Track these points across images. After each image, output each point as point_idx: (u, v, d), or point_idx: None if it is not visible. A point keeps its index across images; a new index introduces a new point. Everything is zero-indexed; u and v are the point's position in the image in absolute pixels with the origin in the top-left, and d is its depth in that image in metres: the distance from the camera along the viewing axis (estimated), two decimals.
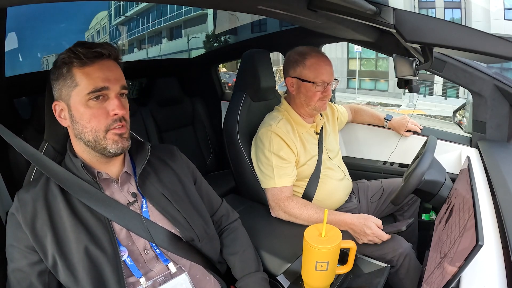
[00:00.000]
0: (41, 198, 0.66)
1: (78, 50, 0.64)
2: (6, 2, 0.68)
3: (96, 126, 0.66)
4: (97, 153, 0.69)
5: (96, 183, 0.69)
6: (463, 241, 0.55)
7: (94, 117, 0.65)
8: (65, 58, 0.65)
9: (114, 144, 0.67)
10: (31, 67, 7.32)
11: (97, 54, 0.65)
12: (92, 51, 0.65)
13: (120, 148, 0.68)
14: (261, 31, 9.08)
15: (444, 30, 0.71)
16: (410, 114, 1.46)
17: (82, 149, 0.70)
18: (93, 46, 0.65)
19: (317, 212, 1.03)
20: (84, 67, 0.64)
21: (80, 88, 0.64)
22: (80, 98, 0.65)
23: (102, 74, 0.65)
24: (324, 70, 1.11)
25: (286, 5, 0.78)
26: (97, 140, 0.66)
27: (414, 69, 0.88)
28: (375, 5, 0.70)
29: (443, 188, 0.95)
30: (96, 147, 0.67)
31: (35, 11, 8.86)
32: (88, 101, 0.65)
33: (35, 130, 1.25)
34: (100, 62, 0.66)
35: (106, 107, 0.66)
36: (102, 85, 0.65)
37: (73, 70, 0.64)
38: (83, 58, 0.64)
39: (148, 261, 0.71)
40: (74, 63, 0.64)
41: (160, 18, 16.65)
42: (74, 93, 0.65)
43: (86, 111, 0.65)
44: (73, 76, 0.64)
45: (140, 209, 0.72)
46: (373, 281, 0.79)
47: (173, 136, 1.91)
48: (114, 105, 0.66)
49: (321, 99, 1.13)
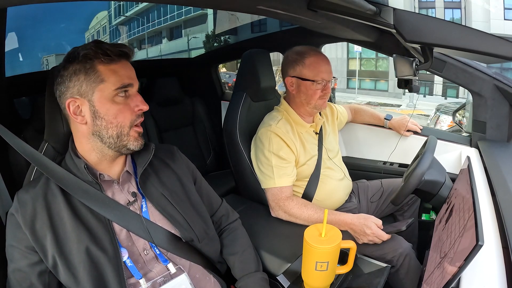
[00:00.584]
0: (41, 198, 0.66)
1: (105, 47, 0.65)
2: (6, 2, 0.68)
3: (122, 122, 0.67)
4: (113, 150, 0.69)
5: (97, 184, 0.69)
6: (463, 241, 0.55)
7: (121, 113, 0.67)
8: (89, 54, 0.65)
9: (135, 141, 0.70)
10: (31, 67, 7.32)
11: (122, 53, 0.68)
12: (118, 50, 0.67)
13: (140, 145, 0.71)
14: (261, 31, 9.08)
15: (444, 30, 0.71)
16: (410, 114, 1.47)
17: (90, 148, 0.69)
18: (117, 46, 0.68)
19: (317, 212, 1.03)
20: (111, 64, 0.66)
21: (107, 84, 0.65)
22: (106, 94, 0.66)
23: (126, 72, 0.68)
24: (323, 68, 1.11)
25: (286, 5, 0.78)
26: (120, 136, 0.68)
27: (414, 69, 0.88)
28: (375, 5, 0.70)
29: (443, 188, 0.95)
30: (116, 143, 0.68)
31: (35, 11, 8.86)
32: (115, 96, 0.66)
33: (35, 130, 1.25)
34: (123, 61, 0.69)
35: (130, 103, 0.69)
36: (128, 82, 0.68)
37: (98, 66, 0.65)
38: (111, 55, 0.65)
39: (147, 261, 0.71)
40: (100, 60, 0.65)
41: (160, 18, 16.66)
42: (99, 88, 0.65)
43: (113, 106, 0.66)
44: (98, 72, 0.65)
45: (140, 209, 0.72)
46: (373, 281, 0.79)
47: (173, 136, 1.91)
48: (138, 101, 0.69)
49: (321, 97, 1.13)
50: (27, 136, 1.25)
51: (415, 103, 3.90)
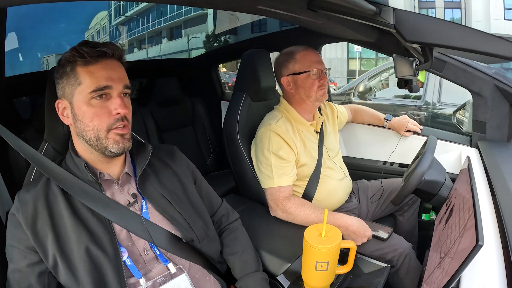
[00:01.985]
0: (42, 198, 0.66)
1: (82, 49, 0.64)
2: (6, 2, 0.68)
3: (98, 125, 0.66)
4: (98, 152, 0.69)
5: (97, 184, 0.69)
6: (463, 241, 0.55)
7: (97, 116, 0.65)
8: (69, 57, 0.65)
9: (115, 144, 0.67)
10: (31, 67, 7.31)
11: (100, 53, 0.66)
12: (96, 50, 0.65)
13: (121, 148, 0.68)
14: (261, 31, 9.07)
15: (444, 30, 0.71)
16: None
17: (83, 148, 0.70)
18: (97, 45, 0.66)
19: (314, 212, 1.02)
20: (88, 66, 0.65)
21: (83, 87, 0.65)
22: (83, 97, 0.65)
23: (105, 73, 0.65)
24: (314, 58, 1.14)
25: (286, 5, 0.78)
26: (99, 139, 0.66)
27: (414, 69, 0.89)
28: (375, 5, 0.70)
29: (443, 188, 0.95)
30: (97, 146, 0.67)
31: (35, 11, 8.85)
32: (91, 99, 0.65)
33: (35, 130, 1.25)
34: (103, 61, 0.66)
35: (109, 106, 0.66)
36: (105, 84, 0.65)
37: (77, 68, 0.65)
38: (87, 57, 0.64)
39: (148, 261, 0.71)
40: (78, 62, 0.65)
41: (160, 18, 16.64)
42: (77, 91, 0.65)
43: (89, 109, 0.65)
44: (77, 74, 0.65)
45: (140, 210, 0.72)
46: (373, 281, 0.79)
47: (173, 136, 1.91)
48: (116, 104, 0.66)
49: (320, 88, 1.14)
50: (27, 136, 1.24)
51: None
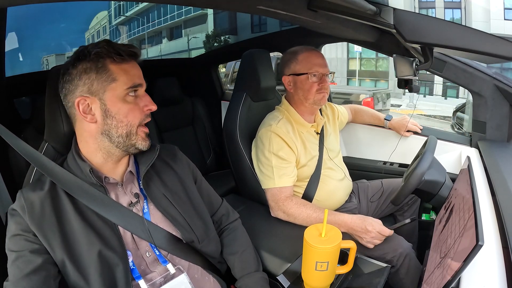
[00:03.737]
0: (49, 200, 0.65)
1: (117, 46, 0.66)
2: (6, 2, 0.68)
3: (132, 120, 0.68)
4: (120, 149, 0.70)
5: (101, 187, 0.69)
6: (463, 241, 0.55)
7: (131, 112, 0.68)
8: (101, 52, 0.65)
9: (143, 141, 0.71)
10: (31, 67, 7.31)
11: (133, 53, 0.69)
12: (129, 50, 0.68)
13: (147, 145, 0.72)
14: (261, 31, 9.07)
15: (444, 30, 0.71)
16: (410, 114, 1.47)
17: (96, 148, 0.69)
18: (127, 46, 0.68)
19: (315, 212, 1.02)
20: (122, 63, 0.67)
21: (119, 83, 0.66)
22: (118, 93, 0.66)
23: (137, 72, 0.70)
24: (316, 61, 1.13)
25: (286, 5, 0.78)
26: (129, 135, 0.69)
27: (414, 69, 0.89)
28: (375, 5, 0.70)
29: (443, 188, 0.95)
30: (125, 142, 0.69)
31: (35, 11, 8.85)
32: (126, 96, 0.67)
33: (35, 130, 1.25)
34: (133, 61, 0.70)
35: (139, 103, 0.70)
36: (139, 82, 0.69)
37: (109, 65, 0.66)
38: (124, 55, 0.66)
39: (150, 263, 0.71)
40: (112, 59, 0.66)
41: (160, 18, 16.65)
42: (111, 87, 0.66)
43: (124, 105, 0.67)
44: (110, 71, 0.65)
45: (141, 210, 0.72)
46: (373, 281, 0.79)
47: (173, 136, 1.91)
48: (147, 100, 0.71)
49: (319, 91, 1.13)
50: (27, 136, 1.24)
51: (415, 103, 3.89)
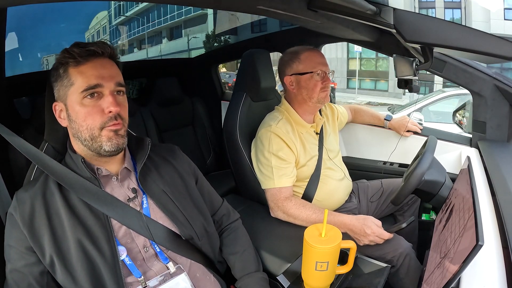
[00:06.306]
0: (40, 196, 0.66)
1: (73, 50, 0.65)
2: (6, 2, 0.68)
3: (91, 124, 0.66)
4: (93, 152, 0.69)
5: (96, 180, 0.69)
6: (463, 241, 0.55)
7: (89, 115, 0.65)
8: (61, 59, 0.66)
9: (109, 141, 0.66)
10: (31, 67, 7.31)
11: (90, 53, 0.66)
12: (85, 50, 0.66)
13: (115, 145, 0.67)
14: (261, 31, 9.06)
15: (444, 30, 0.71)
16: (410, 114, 1.47)
17: (80, 149, 0.70)
18: (87, 45, 0.67)
19: (315, 212, 1.02)
20: (79, 66, 0.66)
21: (75, 87, 0.65)
22: (75, 97, 0.66)
23: (95, 72, 0.65)
24: (318, 60, 1.13)
25: (286, 5, 0.78)
26: (93, 138, 0.66)
27: (414, 69, 0.89)
28: (375, 5, 0.70)
29: (443, 188, 0.95)
30: (92, 145, 0.67)
31: (35, 11, 8.85)
32: (83, 99, 0.65)
33: (35, 130, 1.25)
34: (93, 60, 0.67)
35: (101, 105, 0.66)
36: (95, 83, 0.65)
37: (69, 70, 0.66)
38: (77, 57, 0.65)
39: (147, 259, 0.71)
40: (70, 63, 0.65)
41: (160, 18, 16.63)
42: (70, 92, 0.66)
43: (81, 109, 0.66)
44: (69, 75, 0.66)
45: (140, 206, 0.72)
46: (373, 281, 0.79)
47: (173, 136, 1.91)
48: (108, 102, 0.66)
49: (323, 89, 1.14)
50: (27, 136, 1.24)
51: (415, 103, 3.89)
